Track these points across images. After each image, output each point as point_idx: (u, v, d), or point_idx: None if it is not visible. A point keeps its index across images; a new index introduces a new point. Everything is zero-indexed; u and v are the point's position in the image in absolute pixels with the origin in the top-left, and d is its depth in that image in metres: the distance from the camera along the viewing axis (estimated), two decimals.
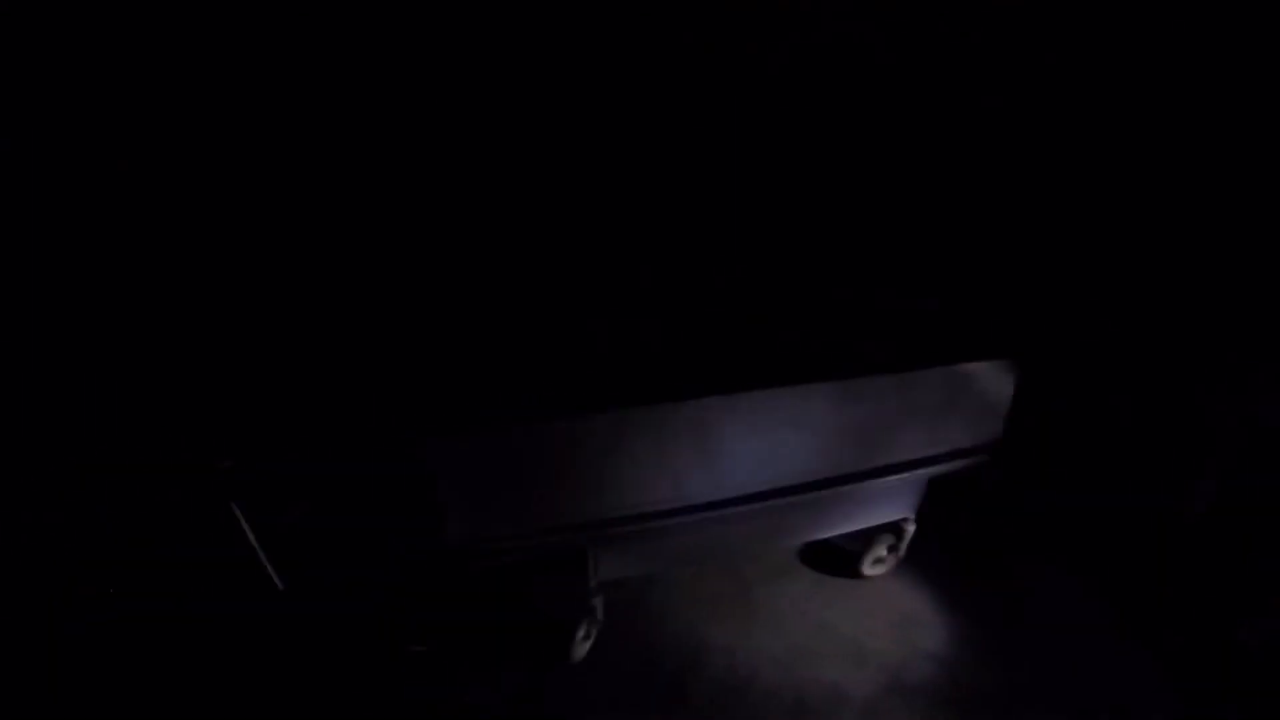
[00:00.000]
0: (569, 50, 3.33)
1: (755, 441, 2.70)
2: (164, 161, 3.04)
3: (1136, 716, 2.96)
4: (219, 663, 2.79)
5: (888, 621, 3.18)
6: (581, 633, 2.85)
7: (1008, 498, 3.74)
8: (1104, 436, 3.74)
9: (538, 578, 2.78)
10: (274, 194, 3.22)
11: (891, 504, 3.08)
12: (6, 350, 2.89)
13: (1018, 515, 3.78)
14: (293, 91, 3.13)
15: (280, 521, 2.76)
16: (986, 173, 3.68)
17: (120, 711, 2.62)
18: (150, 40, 2.88)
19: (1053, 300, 3.75)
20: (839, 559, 3.34)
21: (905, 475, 2.97)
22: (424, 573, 2.87)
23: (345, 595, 2.89)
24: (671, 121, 3.50)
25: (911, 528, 3.19)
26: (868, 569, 3.27)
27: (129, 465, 2.87)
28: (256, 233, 3.23)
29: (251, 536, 2.70)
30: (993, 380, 3.06)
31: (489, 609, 2.98)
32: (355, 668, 2.84)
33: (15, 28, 2.70)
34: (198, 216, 3.14)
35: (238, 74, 3.03)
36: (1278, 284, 3.37)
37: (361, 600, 2.91)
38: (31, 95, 2.79)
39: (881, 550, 3.24)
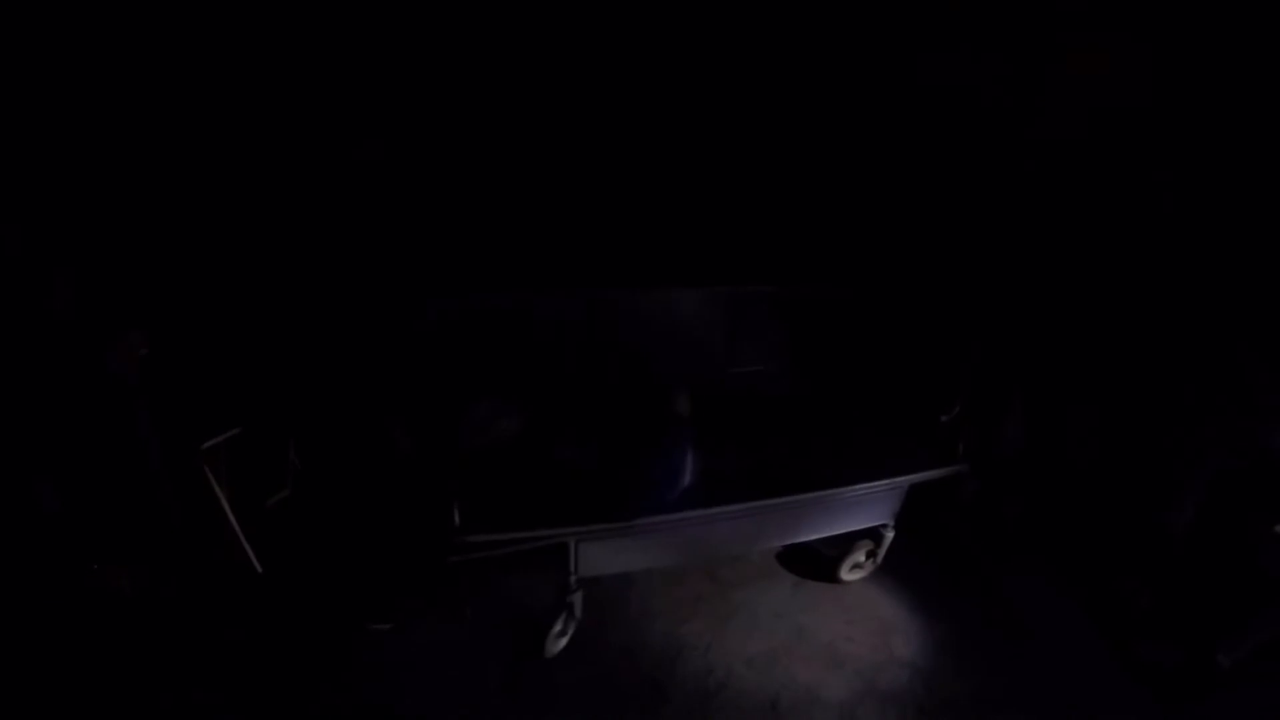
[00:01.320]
0: None
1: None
2: None
3: None
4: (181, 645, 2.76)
5: (865, 627, 3.20)
6: (558, 628, 2.86)
7: (988, 507, 3.77)
8: (1088, 448, 3.77)
9: (517, 569, 2.79)
10: None
11: (872, 510, 3.11)
12: None
13: (998, 524, 3.80)
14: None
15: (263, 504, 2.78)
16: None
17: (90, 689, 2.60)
18: None
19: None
20: (818, 564, 3.36)
21: (886, 482, 3.00)
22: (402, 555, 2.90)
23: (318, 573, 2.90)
24: None
25: (891, 534, 3.21)
26: (846, 574, 3.28)
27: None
28: None
29: (232, 519, 2.71)
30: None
31: (465, 596, 2.99)
32: (323, 649, 2.83)
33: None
34: None
35: None
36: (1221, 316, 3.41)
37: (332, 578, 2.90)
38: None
39: (860, 556, 3.26)
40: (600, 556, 2.77)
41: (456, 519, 2.57)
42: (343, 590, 2.93)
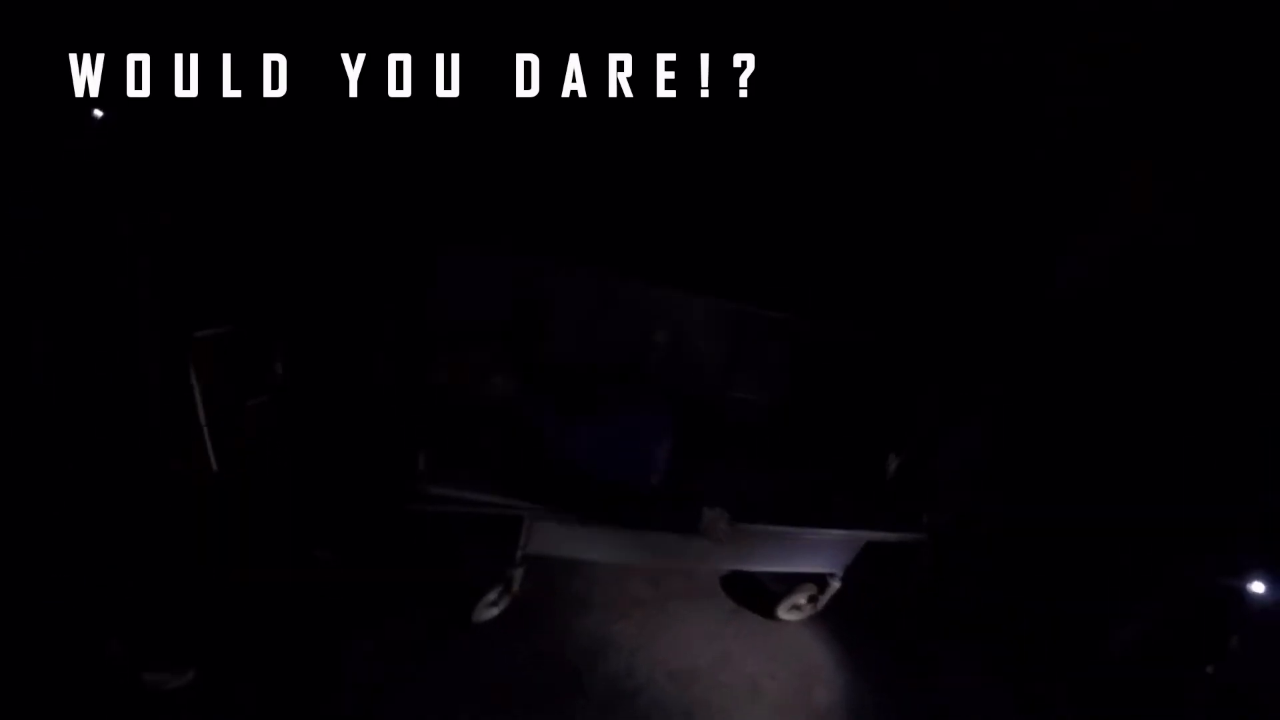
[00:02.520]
0: None
1: None
2: None
3: None
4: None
5: (789, 667, 3.20)
6: (491, 597, 2.88)
7: (937, 579, 3.78)
8: (1042, 551, 3.80)
9: (470, 530, 2.79)
10: None
11: (823, 556, 3.11)
12: None
13: (943, 599, 3.82)
14: None
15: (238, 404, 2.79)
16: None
17: None
18: None
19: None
20: (759, 595, 3.36)
21: (843, 533, 3.02)
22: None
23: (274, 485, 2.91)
24: None
25: (836, 584, 3.22)
26: (784, 613, 3.29)
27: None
28: None
29: (202, 412, 2.71)
30: None
31: (407, 546, 2.99)
32: (256, 563, 2.83)
33: None
34: None
35: None
36: (1223, 449, 3.45)
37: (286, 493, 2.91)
38: None
39: (801, 598, 3.26)
40: (551, 538, 2.77)
41: (421, 465, 2.58)
42: (293, 507, 2.93)
